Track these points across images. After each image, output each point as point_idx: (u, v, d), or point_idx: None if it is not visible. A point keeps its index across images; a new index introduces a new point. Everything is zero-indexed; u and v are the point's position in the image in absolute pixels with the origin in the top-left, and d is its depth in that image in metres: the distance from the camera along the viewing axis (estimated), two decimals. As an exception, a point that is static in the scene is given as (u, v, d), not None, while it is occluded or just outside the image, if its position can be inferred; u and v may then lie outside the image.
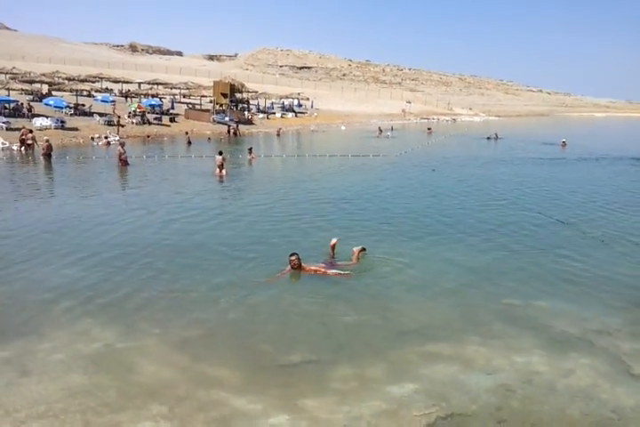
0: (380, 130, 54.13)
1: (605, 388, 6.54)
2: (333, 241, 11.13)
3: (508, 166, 29.21)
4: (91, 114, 43.22)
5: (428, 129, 58.22)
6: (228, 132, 45.91)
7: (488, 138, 48.48)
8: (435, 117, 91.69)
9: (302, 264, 10.03)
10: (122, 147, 24.34)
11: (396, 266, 10.90)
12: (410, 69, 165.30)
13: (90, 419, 5.78)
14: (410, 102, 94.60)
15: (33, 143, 29.22)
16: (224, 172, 22.08)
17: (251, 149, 29.94)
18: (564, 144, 41.88)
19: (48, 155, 26.10)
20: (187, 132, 39.79)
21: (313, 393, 6.33)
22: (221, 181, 21.57)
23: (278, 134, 48.26)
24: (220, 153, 23.77)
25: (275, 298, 9.14)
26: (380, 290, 9.61)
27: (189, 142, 37.05)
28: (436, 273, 10.59)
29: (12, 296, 9.02)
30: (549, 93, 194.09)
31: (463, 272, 10.69)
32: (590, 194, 20.25)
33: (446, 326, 8.27)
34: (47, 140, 26.76)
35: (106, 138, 36.41)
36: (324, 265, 10.25)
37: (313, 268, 10.02)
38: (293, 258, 9.98)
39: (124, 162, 24.17)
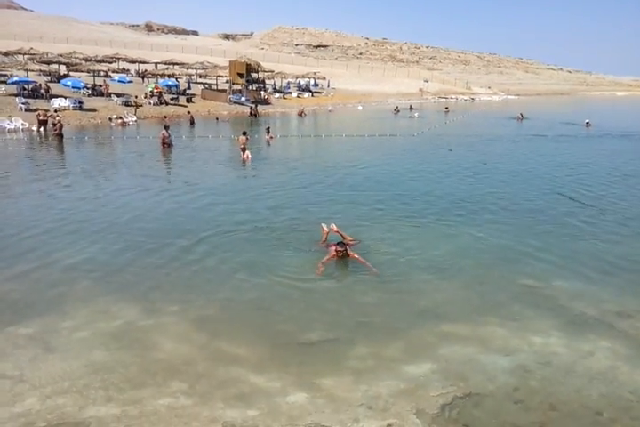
0: (397, 109, 53.62)
1: (624, 370, 6.51)
2: (333, 227, 10.89)
3: (527, 146, 28.86)
4: (108, 94, 43.31)
5: (446, 108, 57.47)
6: (251, 113, 45.30)
7: (517, 118, 47.46)
8: (453, 96, 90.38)
9: (349, 252, 9.80)
10: (166, 130, 24.34)
11: (412, 247, 10.89)
12: (427, 48, 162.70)
13: (112, 395, 5.91)
14: (427, 81, 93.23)
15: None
16: (247, 154, 21.92)
17: (268, 129, 29.80)
18: (588, 125, 41.03)
19: (60, 135, 26.38)
20: (189, 112, 39.13)
21: (331, 372, 6.39)
22: (246, 164, 21.36)
23: (300, 114, 47.62)
24: (244, 133, 23.65)
25: (293, 278, 9.19)
26: (397, 271, 9.60)
27: (192, 123, 36.32)
28: (453, 254, 10.55)
29: (33, 276, 9.17)
30: (570, 72, 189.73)
31: (481, 253, 10.65)
32: (613, 175, 19.94)
33: (464, 307, 8.27)
34: (59, 121, 27.02)
35: (120, 118, 36.45)
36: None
37: (356, 255, 9.79)
38: (342, 249, 9.71)
39: (167, 145, 24.30)
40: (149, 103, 44.10)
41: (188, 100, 48.17)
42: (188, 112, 39.08)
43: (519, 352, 6.90)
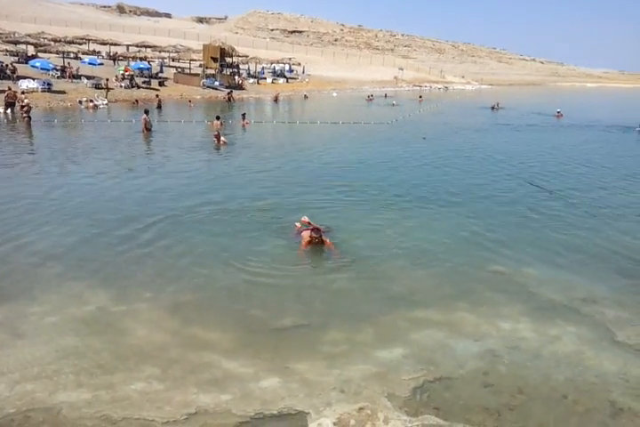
0: (371, 97, 53.65)
1: (590, 354, 6.70)
2: (305, 219, 10.86)
3: (499, 135, 29.20)
4: (78, 77, 42.30)
5: (420, 97, 57.74)
6: (228, 99, 44.58)
7: (492, 108, 47.72)
8: (427, 85, 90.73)
9: (323, 238, 9.78)
10: (147, 115, 24.58)
11: (384, 234, 10.96)
12: (403, 35, 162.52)
13: (83, 380, 5.85)
14: (402, 69, 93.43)
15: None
16: (222, 139, 21.71)
17: (244, 115, 29.53)
18: (559, 115, 41.55)
19: (28, 117, 25.89)
20: (157, 95, 38.46)
21: (304, 357, 6.43)
22: (220, 150, 21.02)
23: (275, 100, 47.17)
24: (218, 118, 23.32)
25: (266, 265, 9.17)
26: (369, 257, 9.67)
27: (159, 107, 35.60)
28: (424, 241, 10.66)
29: (2, 260, 8.98)
30: (542, 63, 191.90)
31: (452, 240, 10.77)
32: (582, 164, 20.31)
33: (435, 293, 8.38)
34: (27, 103, 26.49)
35: (91, 101, 35.67)
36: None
37: (329, 242, 9.82)
38: (317, 235, 9.66)
39: (147, 129, 24.53)
40: (120, 86, 43.22)
41: (161, 84, 47.35)
42: (157, 96, 38.39)
43: (488, 337, 7.04)
